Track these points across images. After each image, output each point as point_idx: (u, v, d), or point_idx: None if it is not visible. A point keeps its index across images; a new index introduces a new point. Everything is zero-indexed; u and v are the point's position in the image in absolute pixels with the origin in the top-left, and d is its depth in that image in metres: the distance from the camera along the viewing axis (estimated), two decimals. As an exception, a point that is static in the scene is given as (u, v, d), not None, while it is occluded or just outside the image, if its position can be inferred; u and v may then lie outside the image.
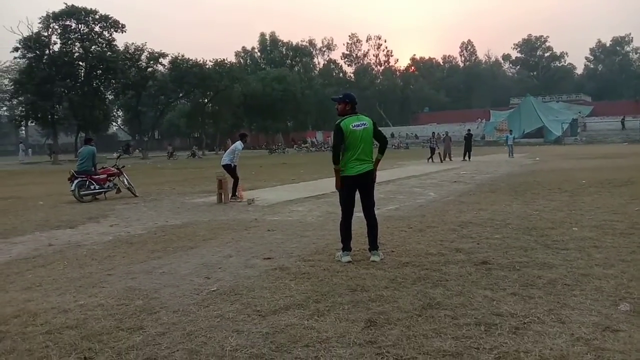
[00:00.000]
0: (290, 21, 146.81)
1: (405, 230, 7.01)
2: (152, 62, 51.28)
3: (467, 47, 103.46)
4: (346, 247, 5.43)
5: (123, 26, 47.41)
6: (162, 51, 51.32)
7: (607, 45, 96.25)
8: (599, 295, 3.97)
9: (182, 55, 54.56)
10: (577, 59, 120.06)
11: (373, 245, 5.47)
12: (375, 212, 5.63)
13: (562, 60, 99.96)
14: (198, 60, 55.15)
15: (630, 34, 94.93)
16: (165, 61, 53.23)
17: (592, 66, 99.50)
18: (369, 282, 4.49)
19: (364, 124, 5.38)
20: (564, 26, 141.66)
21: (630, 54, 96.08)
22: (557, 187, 11.64)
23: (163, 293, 4.46)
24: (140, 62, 50.73)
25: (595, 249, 5.50)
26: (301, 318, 3.66)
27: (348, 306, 3.88)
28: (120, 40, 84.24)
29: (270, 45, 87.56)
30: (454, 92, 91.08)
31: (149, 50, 50.53)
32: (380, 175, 17.01)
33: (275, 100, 66.17)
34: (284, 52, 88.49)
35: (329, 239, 6.48)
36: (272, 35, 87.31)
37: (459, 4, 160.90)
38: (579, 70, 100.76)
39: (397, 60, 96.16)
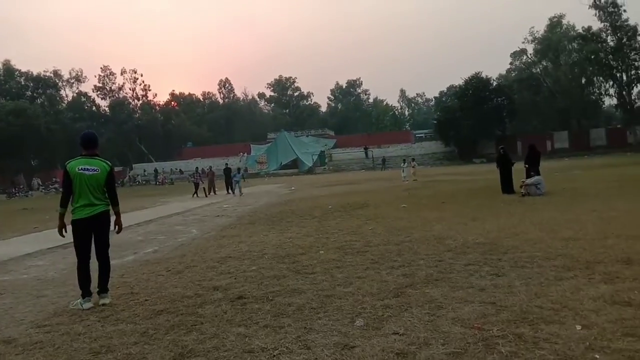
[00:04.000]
0: (30, 50, 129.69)
1: (162, 274, 6.66)
2: None
3: (225, 85, 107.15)
4: (86, 293, 5.11)
5: None
6: None
7: (344, 87, 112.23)
8: (340, 315, 4.34)
9: None
10: (321, 98, 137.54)
11: (103, 288, 5.31)
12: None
13: (309, 99, 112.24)
14: None
15: (360, 78, 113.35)
16: None
17: (333, 104, 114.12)
18: (116, 341, 4.06)
19: (95, 170, 5.19)
20: (309, 69, 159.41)
21: (361, 95, 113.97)
22: (309, 214, 12.72)
23: None
24: None
25: (337, 270, 6.09)
26: (25, 402, 3.06)
27: (88, 374, 3.42)
28: None
29: (4, 74, 75.74)
30: (216, 127, 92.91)
31: None
32: (140, 215, 16.21)
33: (12, 136, 57.06)
34: (23, 83, 77.59)
35: (73, 295, 5.69)
36: (7, 63, 75.77)
37: (215, 40, 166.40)
38: (323, 108, 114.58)
39: (156, 94, 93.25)
